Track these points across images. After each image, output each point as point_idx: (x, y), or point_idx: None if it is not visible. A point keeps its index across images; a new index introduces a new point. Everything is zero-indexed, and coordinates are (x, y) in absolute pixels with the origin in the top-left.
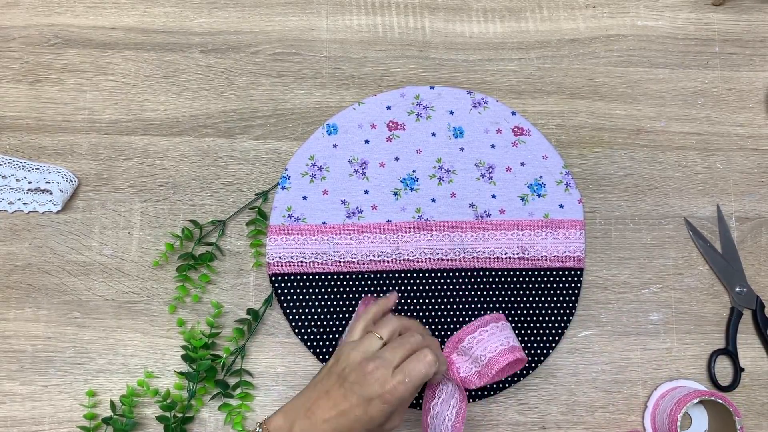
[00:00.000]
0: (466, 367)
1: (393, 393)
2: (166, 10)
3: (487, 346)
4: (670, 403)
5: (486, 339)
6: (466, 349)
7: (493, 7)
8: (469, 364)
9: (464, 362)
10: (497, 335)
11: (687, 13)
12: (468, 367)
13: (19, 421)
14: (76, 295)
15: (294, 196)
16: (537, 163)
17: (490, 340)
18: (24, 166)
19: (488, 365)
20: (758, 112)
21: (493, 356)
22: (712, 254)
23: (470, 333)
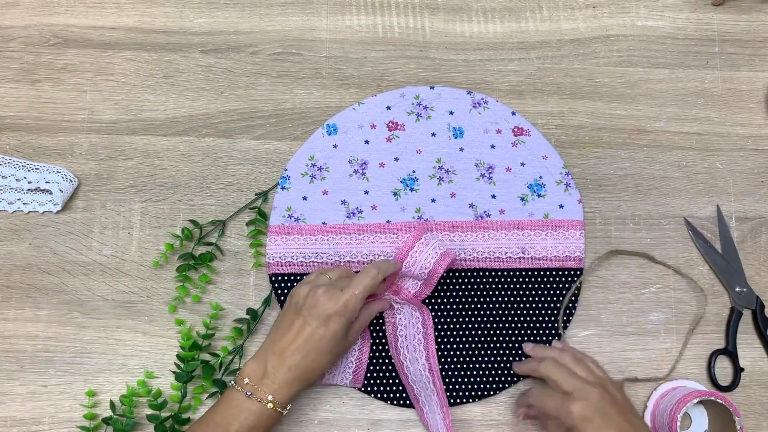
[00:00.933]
0: (411, 284)
1: (346, 305)
2: (166, 10)
3: (427, 255)
4: (670, 403)
5: (424, 249)
6: (410, 265)
7: (493, 7)
8: (413, 282)
9: (409, 282)
10: (431, 243)
11: (687, 13)
12: (414, 283)
13: (19, 421)
14: (76, 295)
15: (294, 196)
16: (537, 163)
17: (427, 250)
18: (24, 166)
19: (432, 273)
20: (758, 112)
21: (435, 263)
22: (712, 254)
23: (411, 248)
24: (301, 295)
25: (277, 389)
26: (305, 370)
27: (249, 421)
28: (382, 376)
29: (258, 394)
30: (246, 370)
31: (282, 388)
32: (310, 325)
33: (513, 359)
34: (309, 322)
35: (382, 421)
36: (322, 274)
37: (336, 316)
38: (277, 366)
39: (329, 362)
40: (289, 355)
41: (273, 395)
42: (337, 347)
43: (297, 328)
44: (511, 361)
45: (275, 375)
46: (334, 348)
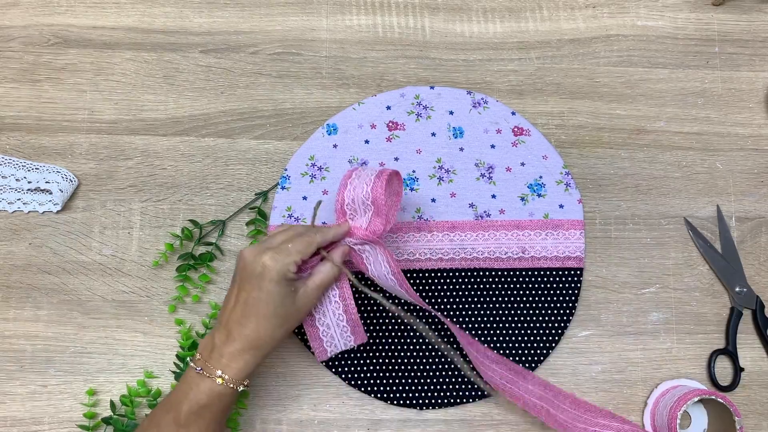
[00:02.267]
0: (363, 219)
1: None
2: (166, 10)
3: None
4: (670, 401)
5: (357, 182)
6: (351, 204)
7: (493, 7)
8: (363, 216)
9: (359, 218)
10: (362, 174)
11: (687, 13)
12: (365, 218)
13: (19, 421)
14: (76, 295)
15: (294, 196)
16: (537, 163)
17: (360, 182)
18: (24, 166)
19: (375, 200)
20: (758, 112)
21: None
22: (712, 254)
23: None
24: (237, 259)
25: (227, 363)
26: (251, 339)
27: (200, 398)
28: (382, 376)
29: (207, 370)
30: (200, 345)
31: (231, 361)
32: (244, 289)
33: (513, 359)
34: (243, 287)
35: (382, 421)
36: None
37: (266, 274)
38: (223, 339)
39: (277, 326)
40: (232, 326)
41: (222, 370)
42: (281, 308)
43: (234, 295)
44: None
45: (222, 348)
46: (277, 310)
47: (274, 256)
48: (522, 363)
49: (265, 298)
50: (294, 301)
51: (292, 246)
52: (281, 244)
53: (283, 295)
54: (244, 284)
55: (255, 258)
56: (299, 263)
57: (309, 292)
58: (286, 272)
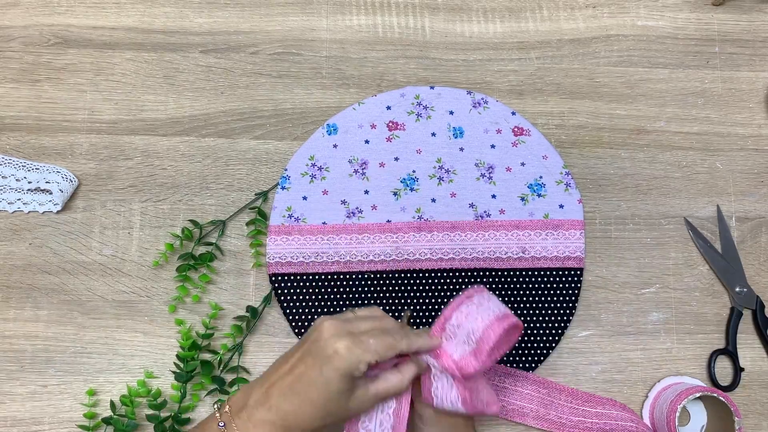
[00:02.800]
0: (459, 349)
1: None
2: (166, 10)
3: (477, 317)
4: (672, 394)
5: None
6: (455, 327)
7: (493, 7)
8: (462, 345)
9: (456, 345)
10: (485, 305)
11: (687, 13)
12: (461, 349)
13: (19, 421)
14: (76, 295)
15: (294, 196)
16: (537, 163)
17: (479, 312)
18: (24, 166)
19: (482, 339)
20: (758, 112)
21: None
22: (712, 254)
23: (455, 309)
24: (313, 326)
25: (250, 429)
26: (285, 415)
27: None
28: None
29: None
30: (232, 398)
31: (256, 428)
32: (305, 362)
33: (513, 359)
34: (305, 360)
35: None
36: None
37: (335, 361)
38: (259, 401)
39: (318, 418)
40: (274, 392)
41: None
42: (332, 403)
43: (292, 363)
44: (511, 361)
45: (253, 411)
46: (326, 402)
47: (351, 347)
48: (522, 363)
49: (322, 384)
50: (348, 400)
51: (374, 342)
52: (363, 335)
53: (341, 390)
54: (307, 358)
55: (331, 337)
56: (372, 364)
57: (367, 398)
58: (355, 369)
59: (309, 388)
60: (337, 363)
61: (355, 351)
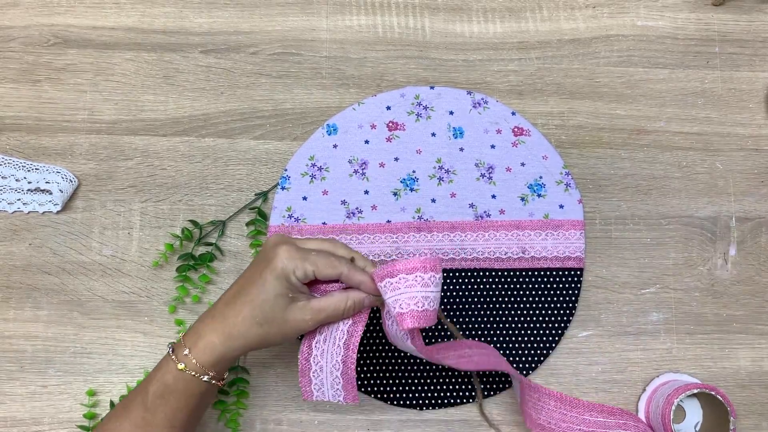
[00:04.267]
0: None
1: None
2: (166, 10)
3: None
4: (668, 390)
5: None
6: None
7: (493, 7)
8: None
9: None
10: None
11: (687, 13)
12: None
13: (19, 421)
14: (76, 295)
15: (294, 197)
16: (537, 163)
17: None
18: (24, 166)
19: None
20: (758, 112)
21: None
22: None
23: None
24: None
25: (195, 342)
26: (226, 320)
27: (166, 379)
28: (382, 376)
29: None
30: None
31: (201, 340)
32: (250, 268)
33: (513, 360)
34: (250, 267)
35: (382, 421)
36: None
37: (273, 263)
38: (206, 318)
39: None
40: (219, 305)
41: (190, 348)
42: (269, 306)
43: (243, 273)
44: (511, 362)
45: (199, 326)
46: (264, 304)
47: (291, 252)
48: (522, 363)
49: (260, 284)
50: (285, 307)
51: (315, 255)
52: (308, 248)
53: (277, 293)
54: (252, 265)
55: (275, 245)
56: (310, 276)
57: (305, 311)
58: (290, 273)
59: (249, 291)
60: (274, 263)
61: (295, 256)
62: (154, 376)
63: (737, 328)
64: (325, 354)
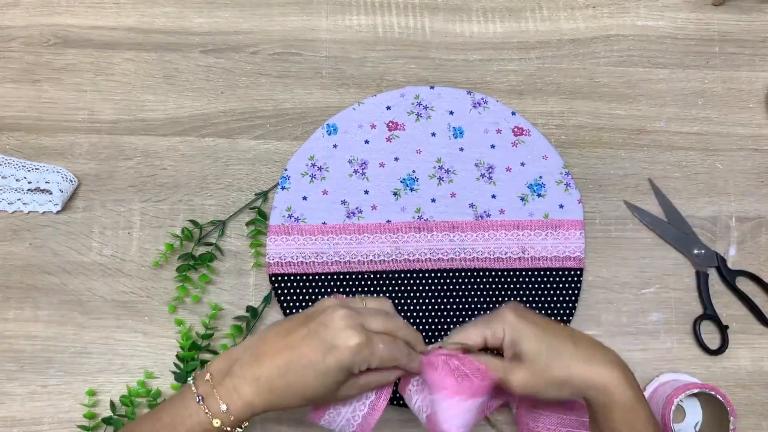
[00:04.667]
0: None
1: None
2: (166, 10)
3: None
4: (669, 389)
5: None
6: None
7: (493, 7)
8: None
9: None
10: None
11: (687, 13)
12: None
13: (19, 421)
14: (76, 295)
15: (294, 196)
16: (537, 163)
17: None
18: (24, 166)
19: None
20: (758, 112)
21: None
22: (662, 225)
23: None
24: (321, 306)
25: (234, 398)
26: (274, 390)
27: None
28: None
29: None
30: (213, 364)
31: (241, 397)
32: (308, 344)
33: None
34: (309, 341)
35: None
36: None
37: (341, 354)
38: (247, 369)
39: (302, 398)
40: (267, 362)
41: (228, 405)
42: (322, 388)
43: (293, 339)
44: None
45: (240, 380)
46: (318, 387)
47: (362, 348)
48: None
49: (322, 370)
50: (336, 389)
51: (382, 349)
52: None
53: (336, 381)
54: (312, 340)
55: (345, 329)
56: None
57: (352, 388)
58: (356, 368)
59: (306, 370)
60: (342, 356)
61: (364, 352)
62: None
63: (737, 328)
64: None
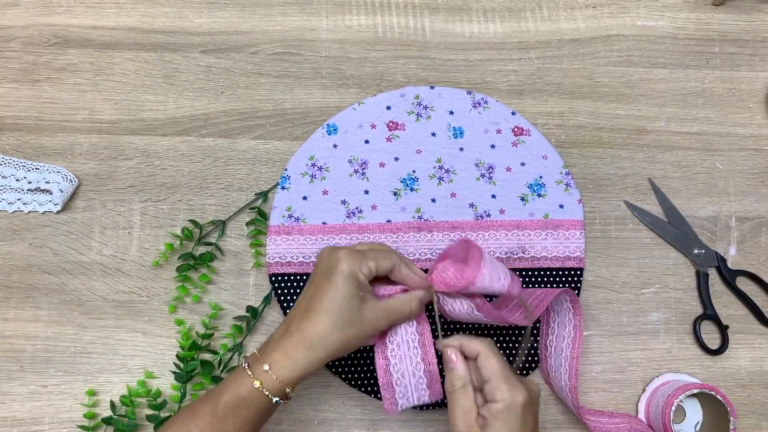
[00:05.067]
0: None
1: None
2: (166, 10)
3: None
4: (669, 390)
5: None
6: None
7: (493, 7)
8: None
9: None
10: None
11: (687, 13)
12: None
13: (19, 421)
14: (76, 295)
15: (294, 196)
16: (537, 163)
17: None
18: (24, 166)
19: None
20: (758, 112)
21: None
22: (662, 225)
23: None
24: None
25: (276, 359)
26: (307, 334)
27: (240, 391)
28: None
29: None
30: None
31: (281, 357)
32: (313, 282)
33: (512, 359)
34: (313, 281)
35: (382, 421)
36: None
37: (338, 266)
38: (281, 333)
39: (336, 327)
40: (292, 319)
41: (270, 365)
42: (345, 307)
43: (305, 290)
44: (510, 362)
45: (277, 342)
46: (341, 308)
47: (350, 253)
48: (523, 363)
49: (332, 291)
50: (360, 307)
51: (372, 255)
52: (360, 249)
53: (351, 293)
54: (315, 277)
55: (331, 252)
56: (373, 272)
57: (377, 309)
58: (357, 271)
59: (322, 299)
60: (340, 267)
61: (356, 257)
62: (227, 386)
63: (737, 328)
64: (404, 360)
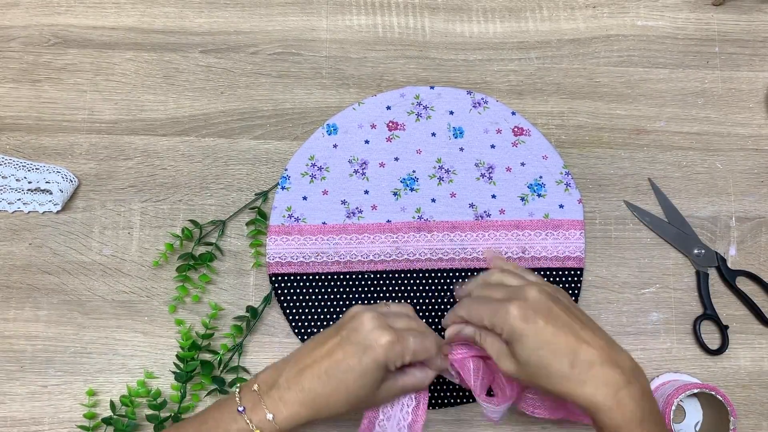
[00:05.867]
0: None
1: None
2: (166, 10)
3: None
4: (669, 390)
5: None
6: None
7: (493, 7)
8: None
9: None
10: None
11: (687, 13)
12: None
13: (19, 421)
14: (76, 295)
15: (294, 196)
16: (537, 163)
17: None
18: (24, 166)
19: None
20: (758, 112)
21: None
22: (663, 226)
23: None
24: (349, 314)
25: (281, 408)
26: (317, 397)
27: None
28: None
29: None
30: (261, 375)
31: (287, 407)
32: (343, 349)
33: None
34: (343, 346)
35: None
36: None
37: (375, 352)
38: (291, 381)
39: (346, 403)
40: (307, 374)
41: (274, 414)
42: (363, 390)
43: (329, 347)
44: None
45: (285, 391)
46: (359, 389)
47: (393, 343)
48: None
49: (360, 372)
50: (377, 390)
51: (413, 342)
52: (405, 332)
53: (375, 379)
54: (346, 345)
55: (375, 329)
56: (406, 362)
57: (393, 389)
58: (392, 363)
59: (346, 375)
60: (377, 354)
61: (396, 347)
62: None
63: (737, 328)
64: (391, 419)
